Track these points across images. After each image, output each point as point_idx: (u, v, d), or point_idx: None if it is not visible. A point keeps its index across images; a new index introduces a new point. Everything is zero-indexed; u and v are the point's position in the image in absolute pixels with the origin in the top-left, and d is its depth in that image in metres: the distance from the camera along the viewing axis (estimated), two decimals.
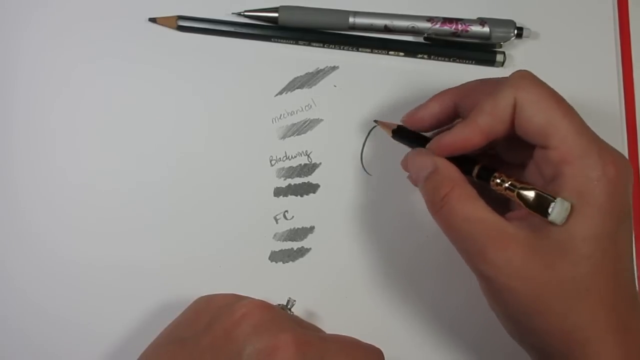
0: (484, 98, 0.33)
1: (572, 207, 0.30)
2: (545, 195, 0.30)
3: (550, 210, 0.30)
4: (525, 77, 0.32)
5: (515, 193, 0.31)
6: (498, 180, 0.32)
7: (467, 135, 0.33)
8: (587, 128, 0.31)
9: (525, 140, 0.32)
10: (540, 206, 0.30)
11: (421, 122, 0.37)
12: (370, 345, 0.34)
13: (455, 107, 0.36)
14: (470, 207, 0.32)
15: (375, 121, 0.40)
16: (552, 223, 0.30)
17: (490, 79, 0.35)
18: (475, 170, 0.33)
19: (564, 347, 0.31)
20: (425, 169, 0.34)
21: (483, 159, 0.34)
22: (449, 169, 0.33)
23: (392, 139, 0.39)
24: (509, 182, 0.32)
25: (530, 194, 0.31)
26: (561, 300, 0.30)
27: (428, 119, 0.37)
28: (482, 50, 0.42)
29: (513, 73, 0.33)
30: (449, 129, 0.35)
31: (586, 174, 0.30)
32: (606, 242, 0.30)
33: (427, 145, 0.35)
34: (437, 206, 0.32)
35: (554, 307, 0.30)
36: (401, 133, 0.38)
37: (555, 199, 0.30)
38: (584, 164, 0.30)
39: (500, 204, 0.33)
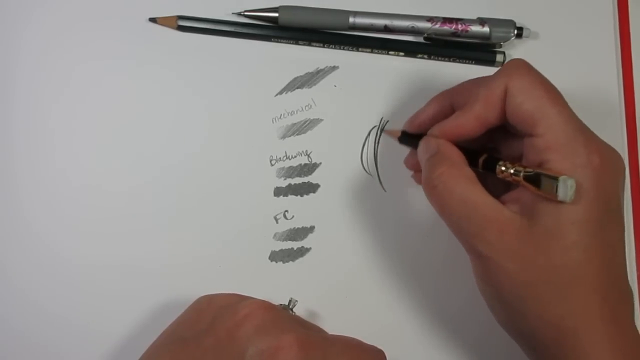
0: (479, 88, 0.33)
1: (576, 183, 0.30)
2: (548, 175, 0.30)
3: (555, 189, 0.30)
4: (518, 66, 0.33)
5: (521, 176, 0.31)
6: (503, 168, 0.32)
7: (464, 122, 0.34)
8: (576, 118, 0.32)
9: (516, 128, 0.33)
10: (548, 187, 0.30)
11: (422, 127, 0.37)
12: (372, 346, 0.34)
13: (452, 107, 0.36)
14: (466, 187, 0.32)
15: (383, 131, 0.41)
16: (562, 202, 0.30)
17: (484, 76, 0.35)
18: (481, 161, 0.34)
19: (553, 335, 0.31)
20: (428, 152, 0.34)
21: (484, 152, 0.35)
22: (449, 150, 0.34)
23: (395, 142, 0.39)
24: (514, 168, 0.32)
25: (535, 177, 0.31)
26: (553, 286, 0.30)
27: (428, 122, 0.37)
28: (482, 50, 0.42)
29: (507, 61, 0.33)
30: None
31: (570, 160, 0.30)
32: (594, 229, 0.30)
33: (429, 131, 0.36)
34: (432, 184, 0.33)
35: (546, 292, 0.30)
36: (406, 137, 0.39)
37: (557, 178, 0.30)
38: (569, 151, 0.30)
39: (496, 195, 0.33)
